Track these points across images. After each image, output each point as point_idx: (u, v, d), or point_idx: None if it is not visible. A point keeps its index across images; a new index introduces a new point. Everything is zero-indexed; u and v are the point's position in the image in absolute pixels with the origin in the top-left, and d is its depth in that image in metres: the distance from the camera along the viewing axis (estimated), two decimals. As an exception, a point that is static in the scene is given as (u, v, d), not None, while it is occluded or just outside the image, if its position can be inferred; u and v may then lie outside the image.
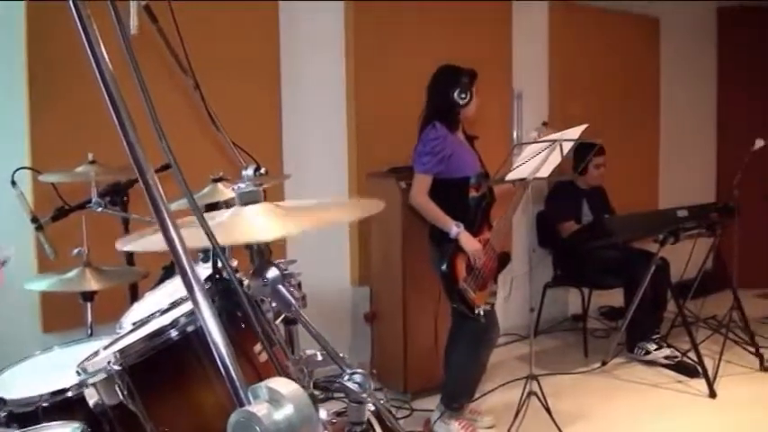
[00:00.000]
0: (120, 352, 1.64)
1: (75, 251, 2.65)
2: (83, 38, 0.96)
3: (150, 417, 1.63)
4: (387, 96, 4.48)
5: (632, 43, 6.12)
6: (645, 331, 4.67)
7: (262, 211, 1.64)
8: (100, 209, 2.76)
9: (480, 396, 3.88)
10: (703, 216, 4.49)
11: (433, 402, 3.77)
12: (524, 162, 3.38)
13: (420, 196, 3.49)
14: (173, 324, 1.68)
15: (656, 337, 4.67)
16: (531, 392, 3.56)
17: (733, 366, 4.42)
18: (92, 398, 1.75)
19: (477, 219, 3.48)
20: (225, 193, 2.75)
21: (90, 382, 1.69)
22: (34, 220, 2.82)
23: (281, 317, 1.96)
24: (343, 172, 4.54)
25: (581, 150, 4.02)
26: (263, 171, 2.19)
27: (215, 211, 2.73)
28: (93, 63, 0.96)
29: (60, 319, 3.37)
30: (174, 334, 1.67)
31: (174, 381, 1.70)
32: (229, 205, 1.81)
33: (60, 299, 3.13)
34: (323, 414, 1.65)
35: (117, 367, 1.62)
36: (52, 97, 3.42)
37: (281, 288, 1.67)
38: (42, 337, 3.42)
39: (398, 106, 4.10)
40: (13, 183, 2.85)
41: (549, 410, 3.50)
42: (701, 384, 4.13)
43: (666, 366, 4.50)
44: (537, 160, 3.39)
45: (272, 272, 1.68)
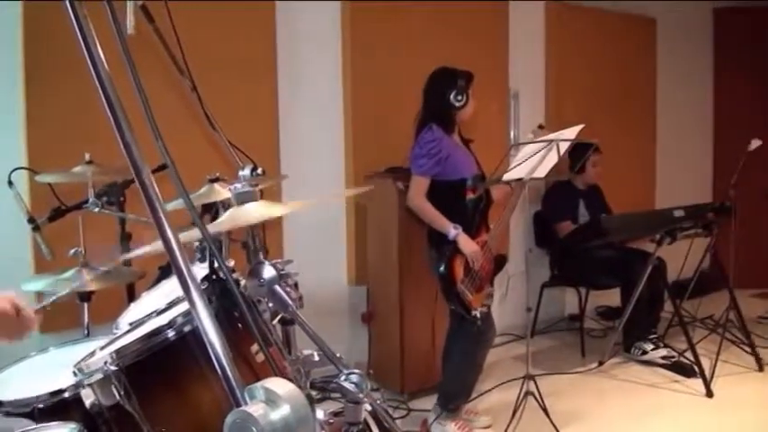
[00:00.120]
0: (117, 352, 1.64)
1: (72, 251, 2.64)
2: (79, 38, 0.96)
3: (147, 417, 1.63)
4: (384, 97, 4.48)
5: (629, 43, 6.13)
6: (642, 331, 4.68)
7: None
8: (97, 209, 2.76)
9: (477, 396, 3.88)
10: (700, 216, 4.49)
11: (429, 402, 3.77)
12: (521, 162, 3.38)
13: (417, 198, 3.49)
14: (169, 324, 1.68)
15: (652, 336, 4.68)
16: (528, 392, 3.56)
17: (730, 366, 4.43)
18: (88, 398, 1.74)
19: (475, 221, 3.48)
20: (221, 193, 2.74)
21: (87, 382, 1.68)
22: (31, 220, 2.82)
23: (277, 317, 1.96)
24: (341, 172, 4.54)
25: (577, 150, 4.03)
26: (260, 171, 2.20)
27: (212, 212, 2.75)
28: (89, 63, 0.96)
29: (57, 319, 3.36)
30: (171, 334, 1.67)
31: (171, 381, 1.70)
32: (226, 206, 1.81)
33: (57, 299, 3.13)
34: (320, 414, 1.66)
35: (113, 367, 1.62)
36: (49, 97, 3.41)
37: (277, 288, 1.68)
38: (39, 338, 3.40)
39: (396, 107, 4.10)
40: (10, 183, 2.84)
41: (546, 410, 3.51)
42: (697, 384, 4.13)
43: (663, 366, 4.50)
44: (534, 160, 3.39)
45: (268, 272, 1.68)
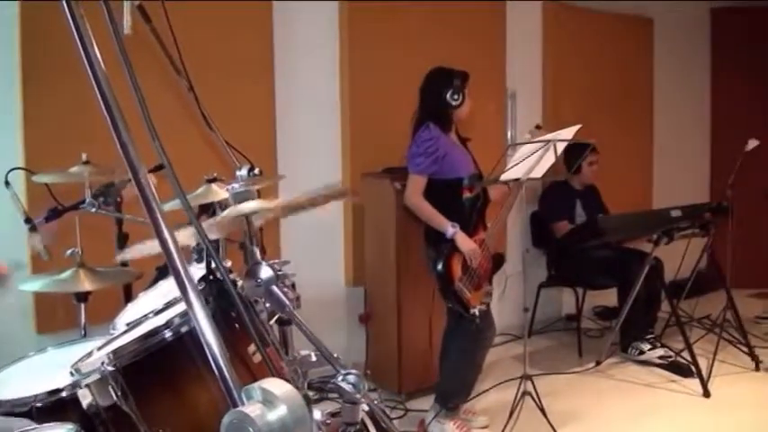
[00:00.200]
0: (114, 353, 1.64)
1: (69, 252, 2.64)
2: (76, 38, 0.96)
3: (144, 417, 1.63)
4: (381, 97, 4.48)
5: (626, 43, 6.14)
6: (639, 331, 4.68)
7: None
8: (93, 209, 2.75)
9: (475, 396, 3.87)
10: (697, 216, 4.50)
11: (427, 403, 3.77)
12: (518, 162, 3.38)
13: (415, 197, 3.49)
14: (166, 325, 1.68)
15: (649, 336, 4.68)
16: (525, 392, 3.56)
17: (727, 366, 4.43)
18: (85, 399, 1.74)
19: (472, 219, 3.49)
20: (219, 193, 2.74)
21: (84, 382, 1.68)
22: (28, 220, 2.81)
23: (275, 317, 1.96)
24: (338, 172, 4.53)
25: (574, 150, 4.02)
26: (257, 171, 2.19)
27: (209, 212, 2.74)
28: (86, 63, 0.96)
29: (54, 319, 3.36)
30: (168, 335, 1.67)
31: (168, 382, 1.70)
32: (223, 206, 1.81)
33: (54, 300, 3.13)
34: (317, 415, 1.65)
35: (110, 368, 1.61)
36: (46, 97, 3.41)
37: (274, 289, 1.68)
38: (36, 338, 3.41)
39: (393, 107, 4.09)
40: (7, 183, 2.83)
41: (543, 410, 3.51)
42: (694, 384, 4.14)
43: (660, 366, 4.51)
44: (531, 161, 3.39)
45: (265, 272, 1.68)
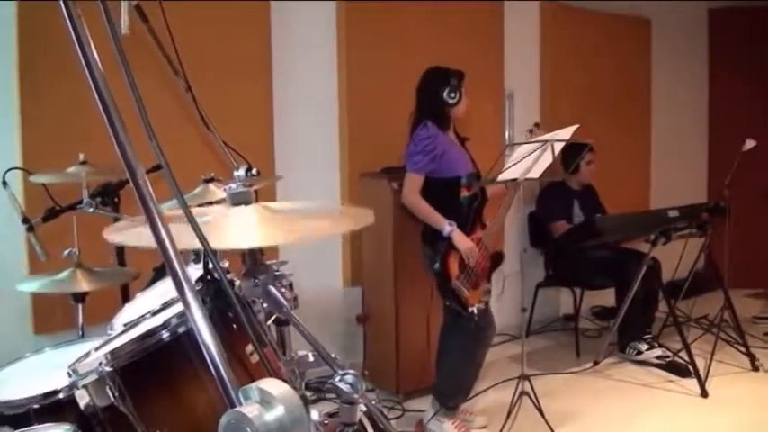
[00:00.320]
0: (112, 353, 1.64)
1: (66, 252, 2.64)
2: (73, 38, 0.96)
3: (141, 418, 1.63)
4: (379, 97, 4.48)
5: (624, 44, 6.14)
6: (636, 331, 4.69)
7: (251, 212, 1.64)
8: (91, 209, 2.75)
9: (473, 396, 3.87)
10: (694, 216, 4.50)
11: (425, 403, 3.77)
12: (516, 162, 3.38)
13: (412, 195, 3.49)
14: (164, 325, 1.67)
15: (647, 336, 4.69)
16: (522, 392, 3.56)
17: (724, 366, 4.44)
18: (83, 399, 1.73)
19: (470, 218, 3.49)
20: (216, 193, 2.74)
21: (81, 383, 1.68)
22: (25, 220, 2.81)
23: (272, 318, 1.96)
24: (335, 173, 4.54)
25: (572, 150, 4.02)
26: (254, 172, 2.19)
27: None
28: (83, 63, 0.96)
29: (52, 320, 3.36)
30: (166, 335, 1.67)
31: (166, 382, 1.69)
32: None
33: (52, 300, 3.13)
34: (314, 415, 1.65)
35: (108, 368, 1.61)
36: (43, 97, 3.41)
37: (272, 289, 1.67)
38: (34, 339, 3.41)
39: (391, 106, 4.09)
40: (5, 183, 2.84)
41: (540, 410, 3.51)
42: (692, 384, 4.14)
43: (658, 366, 4.51)
44: (528, 161, 3.40)
45: (263, 273, 1.68)
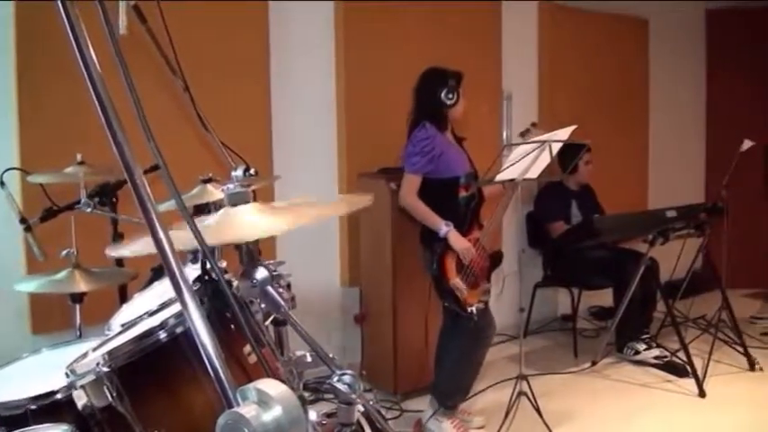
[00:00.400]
0: (109, 353, 1.64)
1: (64, 252, 2.63)
2: (71, 38, 0.96)
3: (139, 418, 1.63)
4: (377, 97, 4.48)
5: (622, 44, 6.15)
6: (634, 331, 4.69)
7: (251, 210, 1.64)
8: (89, 210, 2.75)
9: (472, 395, 3.87)
10: (692, 216, 4.51)
11: (423, 403, 3.77)
12: (514, 163, 3.38)
13: (409, 196, 3.49)
14: (161, 326, 1.67)
15: (645, 336, 4.69)
16: (520, 393, 3.56)
17: (722, 366, 4.44)
18: (80, 400, 1.73)
19: (467, 218, 3.49)
20: (214, 194, 2.74)
21: (79, 383, 1.68)
22: (23, 220, 2.81)
23: (270, 318, 1.96)
24: (333, 173, 4.53)
25: (569, 151, 4.01)
26: (252, 172, 2.19)
27: (204, 212, 2.74)
28: (80, 64, 0.96)
29: (49, 320, 3.36)
30: (163, 335, 1.67)
31: (163, 382, 1.69)
32: (218, 206, 1.80)
33: (49, 300, 3.12)
34: (312, 415, 1.65)
35: (106, 369, 1.61)
36: (41, 97, 3.40)
37: (270, 289, 1.67)
38: (31, 339, 3.40)
39: (389, 107, 4.09)
40: (2, 183, 2.83)
41: (538, 411, 3.51)
42: (690, 384, 4.14)
43: (656, 366, 4.51)
44: (526, 161, 3.40)
45: (261, 273, 1.68)
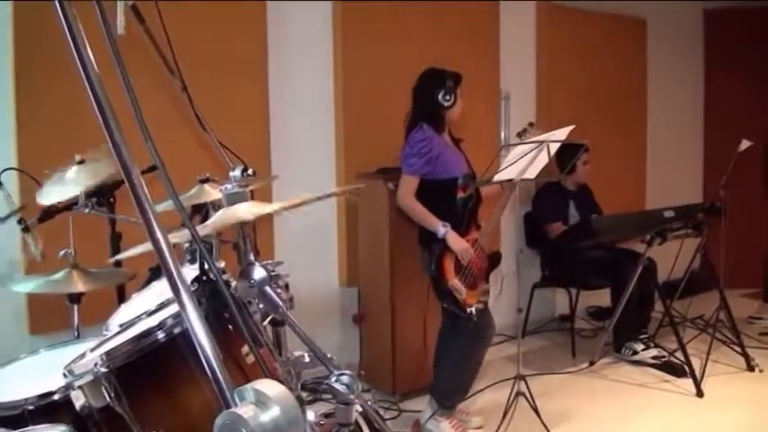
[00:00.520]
0: (107, 354, 1.64)
1: (62, 252, 2.63)
2: (68, 38, 0.96)
3: (137, 419, 1.63)
4: (375, 97, 4.48)
5: (620, 44, 6.15)
6: (632, 331, 4.69)
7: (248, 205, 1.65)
8: (87, 210, 2.74)
9: (471, 395, 3.87)
10: (690, 216, 4.51)
11: (421, 403, 3.77)
12: (512, 163, 3.38)
13: (407, 197, 3.49)
14: (159, 326, 1.68)
15: (643, 337, 4.69)
16: (518, 393, 3.56)
17: (720, 366, 4.45)
18: (79, 400, 1.73)
19: (465, 219, 3.48)
20: (212, 194, 2.73)
21: (77, 384, 1.68)
22: (21, 221, 2.80)
23: (268, 318, 1.96)
24: (332, 173, 4.53)
25: (567, 151, 4.02)
26: (250, 172, 2.19)
27: (202, 212, 2.74)
28: (78, 64, 0.96)
29: (47, 321, 3.35)
30: (161, 336, 1.67)
31: (161, 383, 1.69)
32: (216, 206, 1.81)
33: (47, 301, 3.11)
34: (310, 416, 1.65)
35: (104, 369, 1.61)
36: (39, 97, 3.40)
37: (268, 289, 1.67)
38: (29, 339, 3.40)
39: (387, 107, 4.09)
40: (0, 183, 2.82)
41: (536, 411, 3.51)
42: (688, 384, 4.14)
43: (654, 366, 4.52)
44: (524, 161, 3.39)
45: (259, 273, 1.68)
